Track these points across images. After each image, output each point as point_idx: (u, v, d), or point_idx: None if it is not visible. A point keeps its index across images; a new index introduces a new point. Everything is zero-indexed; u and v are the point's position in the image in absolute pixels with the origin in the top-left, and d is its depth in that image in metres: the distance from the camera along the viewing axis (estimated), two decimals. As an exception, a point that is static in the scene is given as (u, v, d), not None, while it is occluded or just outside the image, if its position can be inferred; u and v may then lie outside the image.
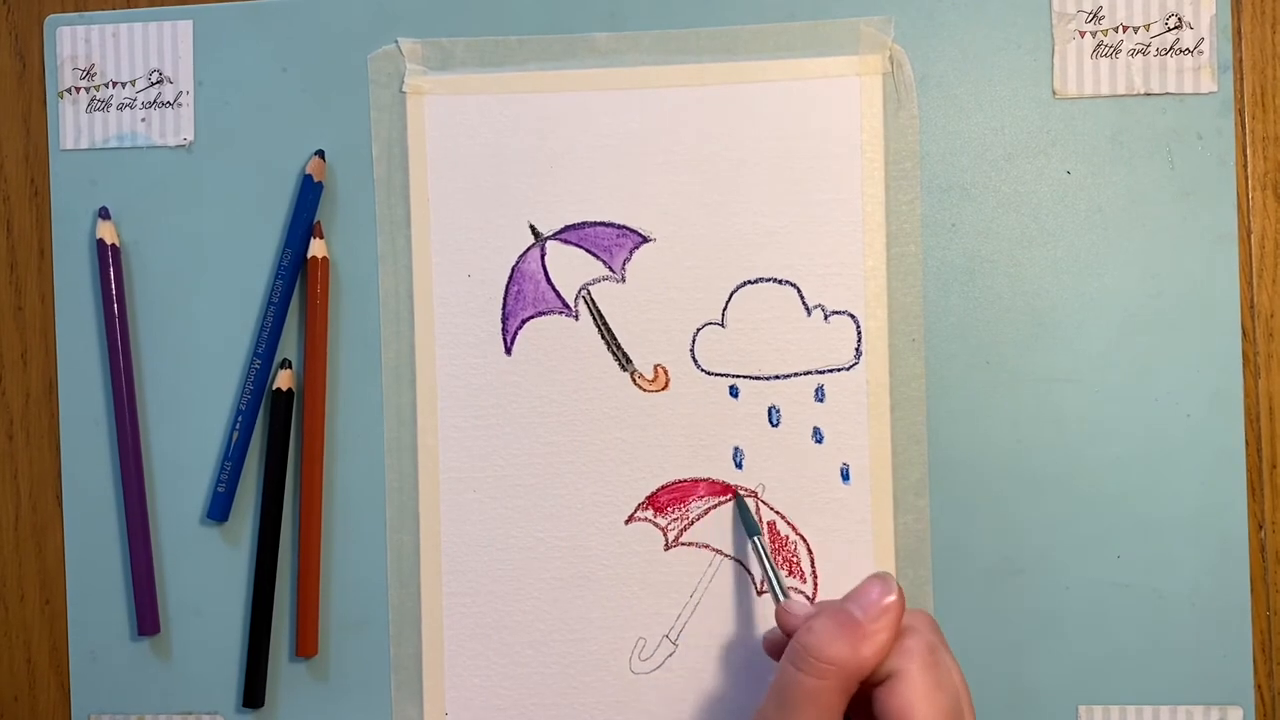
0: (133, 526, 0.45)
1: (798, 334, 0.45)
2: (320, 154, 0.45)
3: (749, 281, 0.45)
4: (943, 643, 0.37)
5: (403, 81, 0.46)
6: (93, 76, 0.47)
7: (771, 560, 0.42)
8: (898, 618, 0.35)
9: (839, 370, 0.45)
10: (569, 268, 0.45)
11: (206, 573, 0.46)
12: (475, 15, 0.46)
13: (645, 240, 0.45)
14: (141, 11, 0.47)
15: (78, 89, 0.47)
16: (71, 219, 0.47)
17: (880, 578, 0.36)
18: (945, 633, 0.44)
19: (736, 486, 0.45)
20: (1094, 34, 0.44)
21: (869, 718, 0.35)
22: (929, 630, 0.36)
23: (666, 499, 0.45)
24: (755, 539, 0.42)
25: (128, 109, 0.46)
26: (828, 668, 0.34)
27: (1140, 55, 0.44)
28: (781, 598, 0.40)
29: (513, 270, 0.46)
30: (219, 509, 0.45)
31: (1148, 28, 0.44)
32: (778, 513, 0.45)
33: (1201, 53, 0.44)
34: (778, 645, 0.39)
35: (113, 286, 0.46)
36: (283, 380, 0.45)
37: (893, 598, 0.35)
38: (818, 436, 0.45)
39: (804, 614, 0.37)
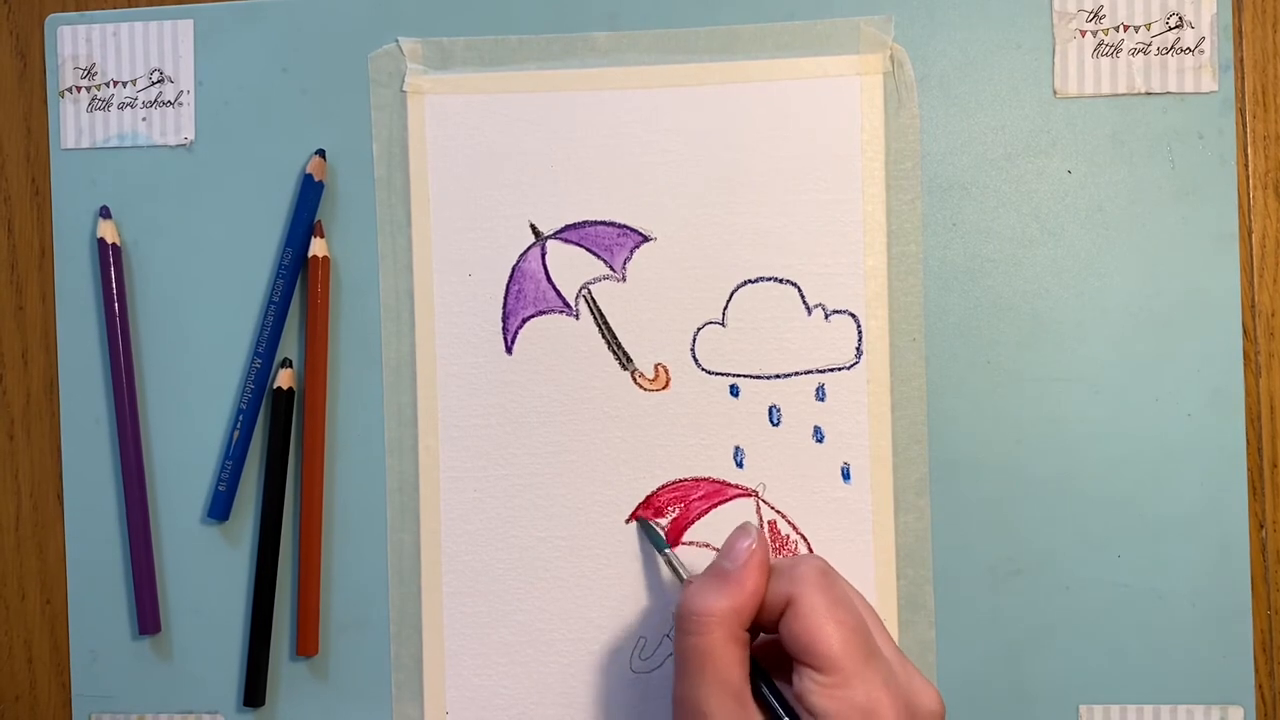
0: (133, 526, 0.45)
1: (798, 333, 0.45)
2: (321, 153, 0.46)
3: (749, 281, 0.45)
4: (837, 575, 0.38)
5: (403, 81, 0.46)
6: (93, 76, 0.47)
7: (682, 565, 0.42)
8: (762, 559, 0.37)
9: (840, 369, 0.45)
10: (570, 267, 0.45)
11: (207, 572, 0.46)
12: (475, 15, 0.46)
13: (646, 239, 0.45)
14: (142, 11, 0.47)
15: (78, 88, 0.47)
16: (72, 218, 0.47)
17: (742, 530, 0.38)
18: (946, 632, 0.44)
19: (637, 514, 0.45)
20: (1095, 33, 0.44)
21: (787, 663, 0.36)
22: (820, 561, 0.37)
23: (667, 498, 0.45)
24: (665, 552, 0.43)
25: (128, 108, 0.46)
26: (708, 619, 0.36)
27: (1141, 54, 0.44)
28: (685, 578, 0.41)
29: (513, 269, 0.46)
30: (219, 508, 0.45)
31: (1148, 27, 0.44)
32: (778, 512, 0.45)
33: (1202, 52, 0.44)
34: None
35: (113, 286, 0.46)
36: (283, 379, 0.45)
37: (754, 542, 0.37)
38: (818, 436, 0.45)
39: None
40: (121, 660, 0.46)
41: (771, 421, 0.45)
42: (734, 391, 0.45)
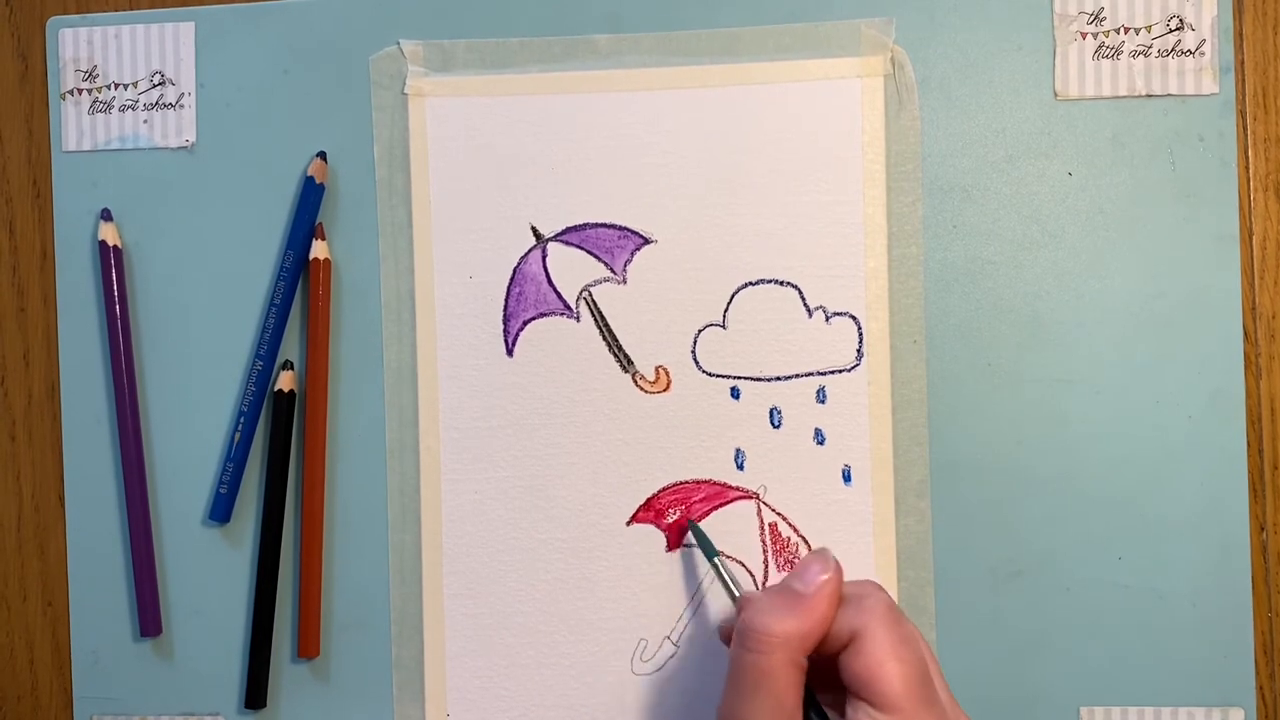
0: (135, 528, 0.45)
1: (799, 335, 0.45)
2: (322, 155, 0.46)
3: (750, 283, 0.45)
4: (902, 613, 0.37)
5: (404, 83, 0.46)
6: (95, 78, 0.47)
7: (732, 578, 0.42)
8: (837, 588, 0.35)
9: (840, 371, 0.45)
10: (570, 269, 0.45)
11: (208, 574, 0.46)
12: (476, 17, 0.46)
13: (646, 242, 0.45)
14: (143, 13, 0.47)
15: (80, 90, 0.47)
16: (73, 220, 0.47)
17: (819, 555, 0.36)
18: (947, 634, 0.44)
19: (687, 518, 0.45)
20: (1095, 35, 0.44)
21: (838, 693, 0.35)
22: (887, 596, 0.36)
23: (668, 500, 0.45)
24: (714, 560, 0.42)
25: (130, 110, 0.47)
26: (772, 640, 0.34)
27: (1142, 57, 0.44)
28: (737, 594, 0.40)
29: (514, 271, 0.46)
30: (221, 510, 0.45)
31: (1149, 29, 0.44)
32: (779, 514, 0.45)
33: (1203, 54, 0.44)
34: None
35: (115, 288, 0.46)
36: (284, 382, 0.45)
37: (830, 571, 0.36)
38: (819, 438, 0.45)
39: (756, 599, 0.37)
40: (123, 662, 0.46)
41: (772, 423, 0.45)
42: (735, 394, 0.45)
